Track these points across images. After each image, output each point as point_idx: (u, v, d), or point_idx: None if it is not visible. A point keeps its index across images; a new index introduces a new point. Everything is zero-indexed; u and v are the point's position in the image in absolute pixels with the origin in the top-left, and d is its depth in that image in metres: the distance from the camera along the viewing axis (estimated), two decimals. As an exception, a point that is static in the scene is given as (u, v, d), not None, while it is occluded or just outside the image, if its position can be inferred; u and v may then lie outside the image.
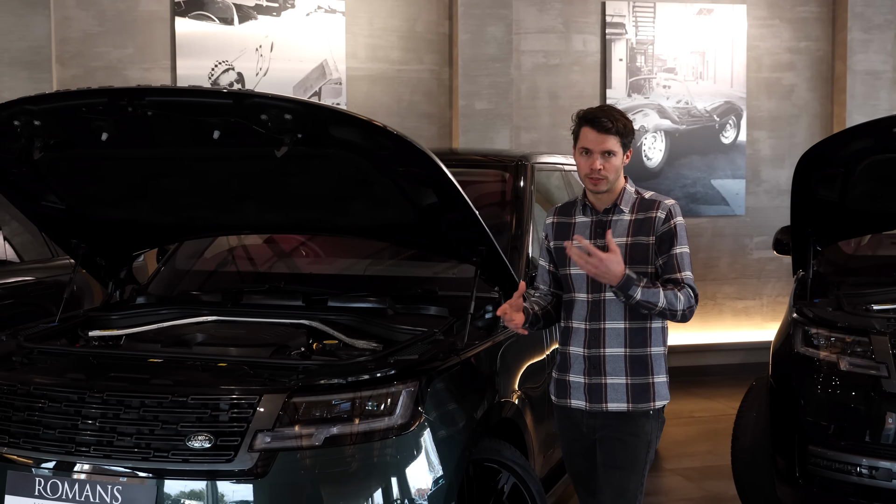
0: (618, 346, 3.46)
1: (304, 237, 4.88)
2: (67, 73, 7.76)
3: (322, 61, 8.12)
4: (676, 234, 3.47)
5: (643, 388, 3.46)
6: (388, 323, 3.92)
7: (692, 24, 8.78)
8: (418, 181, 3.65)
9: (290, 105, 3.35)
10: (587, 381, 3.49)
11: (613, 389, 3.46)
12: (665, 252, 3.45)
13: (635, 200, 3.52)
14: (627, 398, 3.45)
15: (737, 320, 9.10)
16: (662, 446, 6.70)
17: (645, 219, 3.47)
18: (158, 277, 4.83)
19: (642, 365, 3.47)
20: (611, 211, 3.50)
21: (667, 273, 3.44)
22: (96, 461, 3.24)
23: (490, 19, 8.18)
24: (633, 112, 8.67)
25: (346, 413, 3.25)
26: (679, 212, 3.52)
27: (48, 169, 3.96)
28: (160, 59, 7.92)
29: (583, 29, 8.64)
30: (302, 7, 8.05)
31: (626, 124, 3.47)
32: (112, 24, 7.84)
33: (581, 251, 3.29)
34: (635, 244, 3.46)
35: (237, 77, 7.98)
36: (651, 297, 3.32)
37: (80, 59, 7.79)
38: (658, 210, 3.48)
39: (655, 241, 3.45)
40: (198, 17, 7.91)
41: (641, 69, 8.71)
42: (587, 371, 3.49)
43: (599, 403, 3.48)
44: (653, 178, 8.74)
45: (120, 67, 7.86)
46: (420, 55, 8.35)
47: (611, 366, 3.46)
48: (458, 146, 8.08)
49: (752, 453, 4.87)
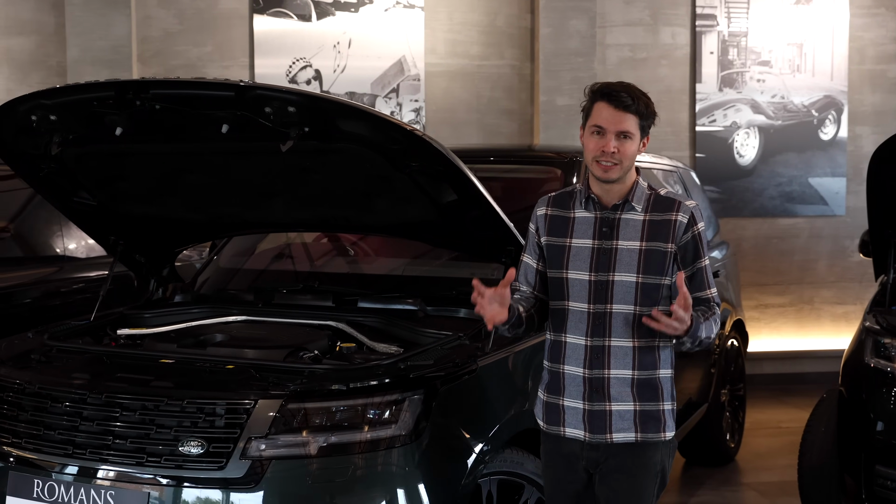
0: (625, 368, 2.95)
1: (355, 237, 4.76)
2: (148, 72, 7.83)
3: (400, 57, 8.00)
4: (701, 244, 2.99)
5: (653, 415, 2.98)
6: (415, 326, 3.76)
7: (789, 14, 8.33)
8: (435, 178, 3.47)
9: (293, 97, 3.22)
10: (587, 407, 2.97)
11: (619, 417, 2.96)
12: (690, 264, 2.98)
13: (649, 197, 3.01)
14: (636, 427, 2.96)
15: (836, 326, 8.61)
16: (742, 458, 6.36)
17: (662, 221, 2.97)
18: (206, 275, 4.78)
19: (652, 389, 2.98)
20: (620, 207, 2.99)
21: (694, 290, 2.95)
22: (92, 464, 3.17)
23: (573, 12, 7.92)
24: (725, 107, 8.30)
25: (347, 421, 3.10)
26: (702, 216, 3.03)
27: (76, 165, 3.93)
28: (238, 56, 7.93)
29: (671, 21, 8.29)
30: (380, 3, 7.95)
31: (649, 104, 2.96)
32: (191, 22, 7.88)
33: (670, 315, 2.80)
34: (651, 251, 2.95)
35: (314, 74, 7.93)
36: (709, 332, 2.89)
37: (161, 58, 7.86)
38: (679, 213, 2.97)
39: (678, 250, 2.96)
40: (276, 14, 7.88)
41: (734, 62, 8.32)
42: (587, 395, 2.97)
43: (603, 434, 2.97)
44: (745, 177, 8.34)
45: (199, 66, 7.90)
46: (501, 50, 8.14)
47: (616, 389, 2.96)
48: (538, 143, 7.86)
49: (819, 471, 4.53)
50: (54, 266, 5.72)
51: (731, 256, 6.68)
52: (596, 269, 2.98)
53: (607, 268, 2.97)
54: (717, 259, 6.30)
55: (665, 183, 5.93)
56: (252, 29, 7.89)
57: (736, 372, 6.38)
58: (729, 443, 6.22)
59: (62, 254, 5.77)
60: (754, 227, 8.47)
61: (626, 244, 2.96)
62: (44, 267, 5.71)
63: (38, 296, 5.63)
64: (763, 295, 8.54)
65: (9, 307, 5.41)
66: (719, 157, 8.31)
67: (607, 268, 2.97)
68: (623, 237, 2.97)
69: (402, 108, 8.00)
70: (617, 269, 2.96)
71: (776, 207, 8.44)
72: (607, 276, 2.96)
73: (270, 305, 4.15)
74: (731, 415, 6.29)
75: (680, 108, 8.32)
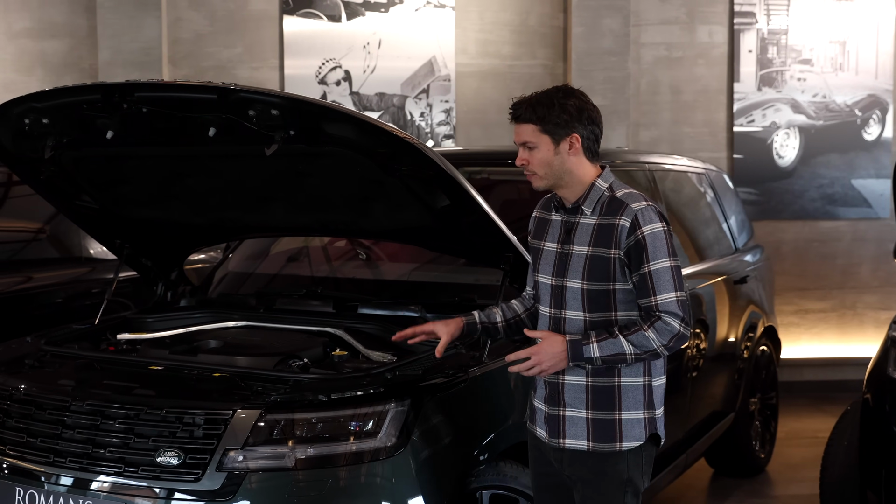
0: (578, 374, 2.89)
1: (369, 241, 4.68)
2: (179, 73, 7.84)
3: (430, 58, 7.91)
4: (646, 248, 2.81)
5: (607, 424, 2.89)
6: (409, 333, 3.66)
7: (831, 11, 8.09)
8: (427, 182, 3.38)
9: (275, 100, 3.15)
10: (547, 411, 2.98)
11: (572, 423, 2.91)
12: (636, 270, 2.84)
13: (604, 199, 2.89)
14: (588, 435, 2.90)
15: (880, 332, 8.26)
16: (773, 468, 6.17)
17: (607, 225, 2.86)
18: (218, 278, 4.74)
19: (608, 397, 2.89)
20: (575, 211, 2.94)
21: (640, 297, 2.85)
22: (72, 473, 3.13)
23: (606, 11, 7.76)
24: (764, 107, 8.08)
25: (327, 432, 3.02)
26: (651, 218, 2.83)
27: (74, 168, 3.90)
28: (268, 58, 7.90)
29: (708, 19, 8.10)
30: (411, 3, 7.87)
31: (553, 108, 2.83)
32: (222, 24, 7.87)
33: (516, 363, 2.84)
34: (595, 257, 2.86)
35: (344, 75, 7.88)
36: (614, 349, 2.77)
37: (191, 60, 7.86)
38: (622, 216, 2.84)
39: (623, 255, 2.84)
40: (306, 15, 7.84)
41: (773, 61, 8.09)
42: (547, 398, 2.98)
43: (557, 438, 2.95)
44: (785, 178, 8.12)
45: (229, 67, 7.89)
46: (533, 50, 8.02)
47: (570, 395, 2.91)
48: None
49: (840, 486, 4.36)
50: (87, 266, 5.78)
51: (764, 261, 6.49)
52: (556, 273, 2.97)
53: (563, 273, 2.95)
54: (748, 263, 6.13)
55: (699, 185, 5.78)
56: (282, 30, 7.85)
57: (767, 380, 6.19)
58: (758, 453, 6.03)
59: (95, 255, 5.83)
60: (794, 230, 8.24)
61: (577, 249, 2.91)
62: (77, 267, 5.77)
63: (71, 295, 5.68)
64: (803, 300, 8.31)
65: (43, 306, 5.47)
66: (758, 159, 8.09)
67: (563, 273, 2.95)
68: (577, 241, 2.92)
69: (433, 109, 7.92)
70: (569, 274, 2.93)
71: (817, 210, 8.20)
72: (562, 280, 2.94)
73: (272, 311, 4.10)
74: (761, 424, 6.11)
75: (717, 108, 8.12)
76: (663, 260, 2.82)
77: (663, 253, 2.82)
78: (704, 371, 5.09)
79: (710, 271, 5.36)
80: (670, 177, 5.41)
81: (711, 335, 5.16)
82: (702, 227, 5.69)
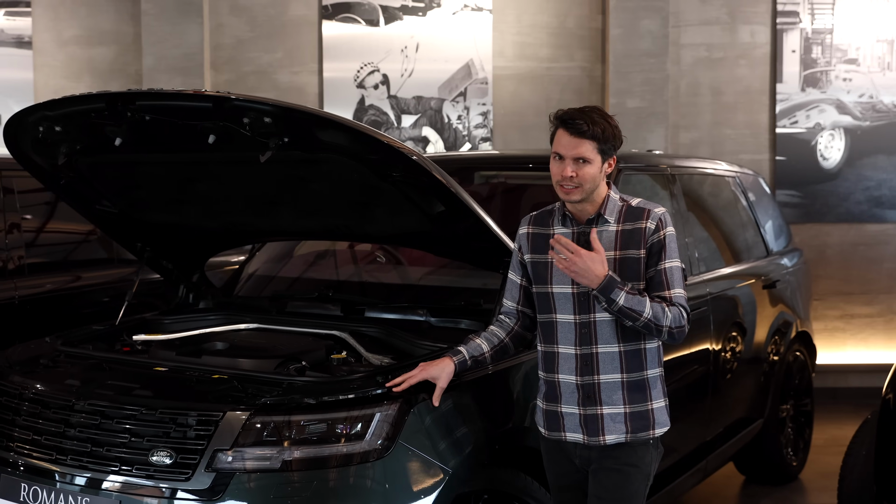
0: (613, 372, 3.11)
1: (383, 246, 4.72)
2: (221, 79, 7.97)
3: (468, 61, 7.93)
4: (666, 247, 3.11)
5: (642, 415, 3.14)
6: (413, 337, 3.70)
7: (878, 9, 7.93)
8: (421, 188, 3.41)
9: (268, 108, 3.21)
10: (582, 412, 3.14)
11: (611, 419, 3.12)
12: (653, 266, 3.11)
13: (621, 209, 3.16)
14: (626, 428, 3.12)
15: (929, 338, 8.17)
16: (807, 476, 6.07)
17: (633, 230, 3.12)
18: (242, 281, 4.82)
19: (640, 390, 3.14)
20: (594, 221, 3.15)
21: (654, 290, 3.10)
22: (72, 471, 3.21)
23: (644, 12, 7.71)
24: (808, 108, 7.95)
25: (315, 435, 3.05)
26: (670, 221, 3.15)
27: (90, 174, 4.00)
28: (308, 62, 7.99)
29: (750, 19, 7.99)
30: (448, 6, 7.90)
31: (607, 129, 3.07)
32: (262, 29, 7.98)
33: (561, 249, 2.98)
34: (625, 259, 3.11)
35: (382, 79, 7.94)
36: (636, 305, 2.99)
37: (233, 65, 7.99)
38: (648, 220, 3.12)
39: (646, 253, 3.11)
40: (344, 19, 7.92)
41: (818, 61, 7.96)
42: (581, 401, 3.14)
43: (597, 436, 3.13)
44: (829, 181, 7.98)
45: (270, 72, 8.00)
46: (571, 52, 7.99)
47: (607, 394, 3.12)
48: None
49: (858, 497, 4.28)
50: (132, 267, 5.94)
51: (801, 265, 6.39)
52: (577, 282, 3.08)
53: None
54: (785, 267, 6.04)
55: (726, 188, 5.71)
56: (321, 34, 7.94)
57: (801, 386, 6.09)
58: (790, 460, 5.94)
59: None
60: (839, 233, 8.09)
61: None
62: (123, 268, 5.93)
63: (117, 294, 5.85)
64: (849, 305, 8.15)
65: (91, 304, 5.64)
66: (801, 160, 7.97)
67: None
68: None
69: (470, 112, 7.94)
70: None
71: (863, 213, 8.05)
72: (588, 287, 3.05)
73: (284, 313, 4.16)
74: (794, 431, 6.02)
75: (759, 109, 8.02)
76: (675, 259, 3.12)
77: (675, 253, 3.12)
78: (726, 375, 5.03)
79: (733, 275, 5.30)
80: (694, 180, 5.36)
81: (733, 339, 5.10)
82: (729, 230, 5.62)
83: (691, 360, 4.64)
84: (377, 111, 7.97)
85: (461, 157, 5.81)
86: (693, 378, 4.70)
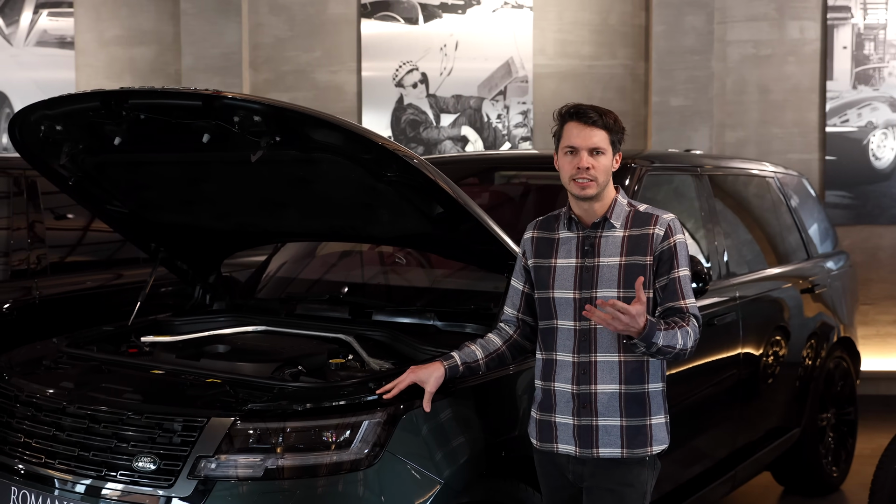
0: (611, 383, 2.99)
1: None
2: (259, 78, 7.95)
3: (508, 59, 7.81)
4: (677, 254, 3.01)
5: (640, 430, 3.00)
6: (416, 342, 3.60)
7: (934, 3, 7.65)
8: (418, 189, 3.31)
9: (256, 106, 3.13)
10: (576, 423, 3.01)
11: (606, 432, 2.99)
12: (665, 274, 3.00)
13: (628, 213, 3.06)
14: (622, 442, 2.98)
15: None
16: (849, 488, 5.84)
17: (640, 235, 3.02)
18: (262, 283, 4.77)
19: (639, 404, 3.00)
20: (600, 225, 3.04)
21: (667, 300, 2.99)
22: (60, 475, 3.16)
23: (689, 8, 7.52)
24: (860, 106, 7.69)
25: (300, 443, 2.95)
26: (680, 228, 3.05)
27: (97, 174, 3.96)
28: (346, 61, 7.94)
29: (800, 15, 7.75)
30: (488, 4, 7.79)
31: (616, 120, 3.02)
32: (301, 28, 7.95)
33: (608, 311, 2.76)
34: (630, 265, 3.00)
35: (421, 77, 7.85)
36: (671, 341, 2.86)
37: (272, 64, 7.96)
38: (656, 226, 3.02)
39: (653, 261, 3.00)
40: (383, 17, 7.85)
41: (870, 57, 7.69)
42: (576, 411, 3.01)
43: (590, 448, 3.00)
44: (882, 181, 7.70)
45: (308, 70, 7.96)
46: (613, 49, 7.83)
47: (603, 405, 2.99)
48: (651, 146, 7.50)
49: (889, 512, 4.07)
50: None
51: (846, 269, 6.15)
52: (580, 286, 3.03)
53: (590, 285, 3.03)
54: (828, 270, 5.82)
55: (774, 190, 5.53)
56: (360, 33, 7.88)
57: (843, 394, 5.86)
58: (831, 471, 5.71)
59: None
60: (892, 235, 7.80)
61: (606, 261, 3.01)
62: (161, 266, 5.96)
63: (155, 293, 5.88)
64: (902, 309, 7.88)
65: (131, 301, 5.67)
66: (852, 160, 7.70)
67: (590, 285, 3.03)
68: (604, 254, 3.02)
69: (510, 111, 7.81)
70: (599, 285, 3.01)
71: (919, 214, 7.77)
72: (591, 293, 3.01)
73: (292, 316, 4.08)
74: (835, 441, 5.79)
75: (808, 107, 7.77)
76: (686, 268, 3.02)
77: (686, 262, 3.03)
78: (756, 381, 4.84)
79: (767, 278, 5.10)
80: (728, 181, 5.18)
81: (765, 344, 4.90)
82: (766, 232, 5.42)
83: (717, 366, 4.47)
84: (416, 110, 7.88)
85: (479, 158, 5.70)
86: (719, 384, 4.52)
